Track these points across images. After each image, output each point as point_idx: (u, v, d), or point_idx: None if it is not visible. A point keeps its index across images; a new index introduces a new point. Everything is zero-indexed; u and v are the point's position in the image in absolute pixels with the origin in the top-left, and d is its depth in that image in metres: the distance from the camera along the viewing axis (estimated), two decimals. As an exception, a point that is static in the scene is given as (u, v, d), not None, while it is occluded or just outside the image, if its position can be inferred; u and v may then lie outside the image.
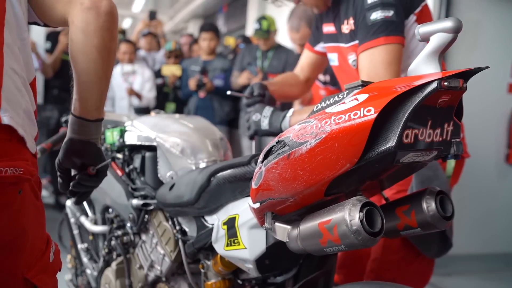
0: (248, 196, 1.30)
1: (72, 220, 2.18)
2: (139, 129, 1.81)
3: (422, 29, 0.99)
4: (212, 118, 4.70)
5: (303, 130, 1.00)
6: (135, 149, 1.86)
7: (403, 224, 1.16)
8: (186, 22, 12.68)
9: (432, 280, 1.94)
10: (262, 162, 1.07)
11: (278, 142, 1.05)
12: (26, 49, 1.05)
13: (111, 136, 1.91)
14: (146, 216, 1.70)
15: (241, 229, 1.29)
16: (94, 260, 2.07)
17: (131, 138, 1.83)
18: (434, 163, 1.67)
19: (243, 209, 1.29)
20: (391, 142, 0.93)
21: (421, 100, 0.92)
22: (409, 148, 0.95)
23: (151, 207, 1.67)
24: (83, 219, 2.04)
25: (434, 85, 0.92)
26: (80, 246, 2.14)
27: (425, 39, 1.00)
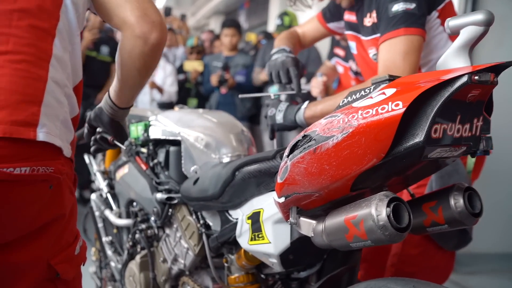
0: (273, 190, 1.30)
1: (96, 213, 2.20)
2: (163, 124, 1.82)
3: (452, 22, 0.98)
4: (234, 114, 4.69)
5: (329, 124, 1.00)
6: (159, 143, 1.87)
7: (430, 221, 1.15)
8: (207, 18, 12.73)
9: (455, 278, 1.92)
10: (287, 156, 1.07)
11: (304, 136, 1.04)
12: (76, 53, 1.13)
13: (136, 131, 1.93)
14: (170, 210, 1.72)
15: (266, 224, 1.29)
16: (118, 253, 2.10)
17: (155, 133, 1.84)
18: None
19: (267, 204, 1.29)
20: (419, 137, 0.92)
21: (451, 94, 0.91)
22: (437, 143, 0.94)
23: (175, 201, 1.68)
24: (107, 212, 2.06)
25: (464, 79, 0.90)
26: (104, 239, 2.16)
27: (455, 32, 0.98)
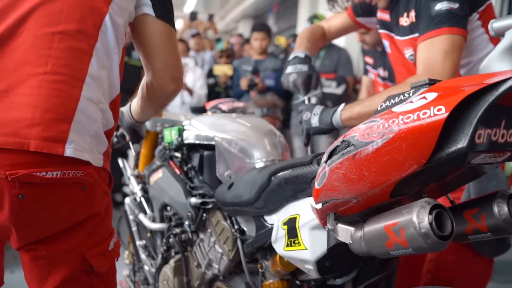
0: (309, 196, 1.29)
1: (130, 217, 2.22)
2: (197, 128, 1.83)
3: (496, 24, 0.95)
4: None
5: (369, 129, 0.98)
6: (193, 148, 1.88)
7: (472, 228, 1.12)
8: (236, 22, 12.78)
9: (493, 287, 1.87)
10: (326, 162, 1.05)
11: (343, 141, 1.03)
12: (114, 69, 1.21)
13: (169, 135, 1.94)
14: (204, 214, 1.72)
15: (302, 230, 1.28)
16: (152, 257, 2.11)
17: (189, 137, 1.85)
18: None
19: (304, 209, 1.28)
20: (462, 143, 0.90)
21: (495, 99, 0.89)
22: (481, 149, 0.92)
23: (210, 206, 1.69)
24: (141, 216, 2.08)
25: (510, 83, 0.88)
26: (138, 242, 2.18)
27: (500, 34, 0.96)
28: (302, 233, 1.28)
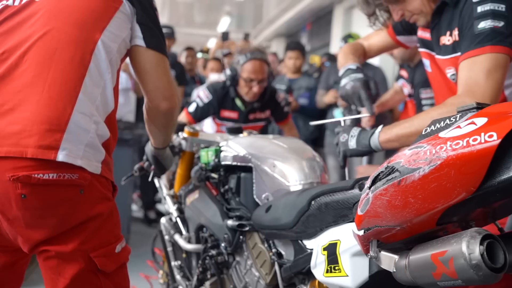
0: (350, 221, 1.26)
1: (166, 237, 2.23)
2: (234, 150, 1.83)
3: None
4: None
5: (415, 155, 0.96)
6: (230, 169, 1.88)
7: (524, 258, 1.07)
8: (269, 41, 12.86)
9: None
10: (369, 188, 1.03)
11: (387, 167, 1.00)
12: (107, 87, 1.36)
13: (206, 156, 1.94)
14: (241, 237, 1.71)
15: (343, 256, 1.25)
16: (187, 277, 2.11)
17: (226, 158, 1.85)
18: None
19: (345, 235, 1.25)
20: (515, 170, 0.86)
21: (550, 124, 0.85)
22: (535, 176, 0.88)
23: (247, 228, 1.67)
24: (177, 237, 2.08)
25: None
26: (173, 263, 2.18)
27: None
28: (343, 259, 1.25)
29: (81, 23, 1.33)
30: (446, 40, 1.64)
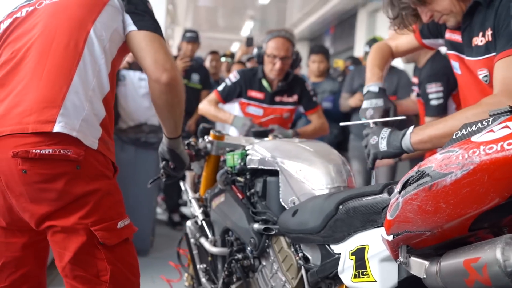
0: (379, 226, 1.25)
1: (192, 240, 2.24)
2: (260, 153, 1.83)
3: None
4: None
5: (447, 160, 0.94)
6: (256, 172, 1.88)
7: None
8: (292, 44, 12.83)
9: None
10: (399, 192, 1.02)
11: (418, 172, 0.99)
12: (102, 71, 1.51)
13: (232, 160, 1.95)
14: (267, 240, 1.70)
15: (371, 261, 1.23)
16: (212, 281, 2.11)
17: (252, 162, 1.85)
18: None
19: (373, 240, 1.24)
20: (551, 175, 0.84)
21: None
22: None
23: (273, 232, 1.67)
24: (202, 240, 2.09)
25: None
26: (199, 266, 2.19)
27: None
28: (371, 265, 1.23)
29: (74, 17, 1.52)
30: (479, 41, 1.61)
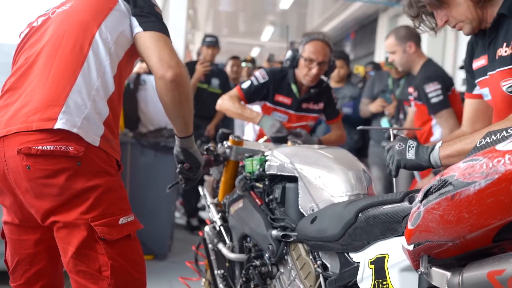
0: (399, 235, 1.23)
1: (209, 245, 2.23)
2: (279, 159, 1.82)
3: None
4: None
5: (470, 168, 0.92)
6: (274, 179, 1.87)
7: None
8: (312, 49, 12.81)
9: None
10: (421, 201, 1.00)
11: (440, 180, 0.97)
12: (107, 72, 1.57)
13: (251, 165, 1.94)
14: (285, 247, 1.69)
15: (391, 270, 1.21)
16: (229, 287, 2.10)
17: (271, 168, 1.84)
18: None
19: (393, 249, 1.22)
20: None
21: None
22: None
23: (291, 239, 1.65)
24: (220, 245, 2.08)
25: None
26: (216, 272, 2.18)
27: None
28: (391, 274, 1.21)
29: (81, 22, 1.59)
30: (503, 51, 1.58)
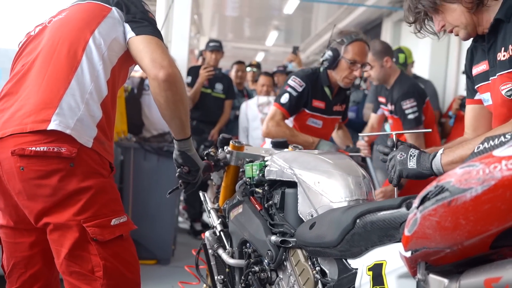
0: (397, 242, 1.22)
1: (210, 251, 2.22)
2: (279, 165, 1.81)
3: None
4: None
5: (467, 174, 0.91)
6: (274, 184, 1.86)
7: None
8: (316, 54, 12.82)
9: None
10: (417, 207, 0.99)
11: (437, 186, 0.96)
12: (100, 76, 1.62)
13: (251, 170, 1.93)
14: (284, 253, 1.68)
15: (389, 277, 1.21)
16: (229, 292, 2.09)
17: (270, 173, 1.83)
18: None
19: (391, 256, 1.21)
20: None
21: None
22: None
23: (290, 245, 1.64)
24: (220, 251, 2.07)
25: None
26: (216, 277, 2.17)
27: None
28: (389, 281, 1.21)
29: (75, 29, 1.65)
30: (502, 56, 1.58)
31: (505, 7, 1.59)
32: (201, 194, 2.43)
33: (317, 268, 1.53)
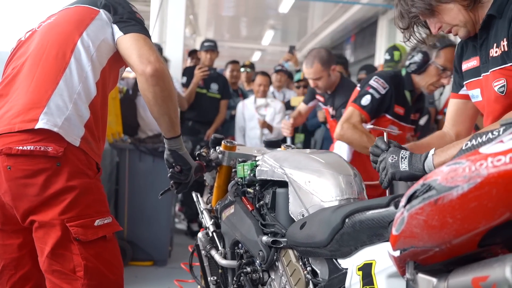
0: (386, 241, 1.20)
1: (203, 252, 2.21)
2: (269, 164, 1.80)
3: None
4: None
5: (453, 172, 0.90)
6: (266, 184, 1.85)
7: None
8: (313, 53, 12.80)
9: None
10: (404, 206, 0.97)
11: (423, 185, 0.95)
12: (89, 77, 1.64)
13: (242, 170, 1.92)
14: (276, 253, 1.67)
15: (378, 277, 1.19)
16: (223, 293, 2.08)
17: (262, 173, 1.82)
18: None
19: (380, 255, 1.20)
20: None
21: None
22: None
23: (281, 245, 1.63)
24: (213, 252, 2.06)
25: None
26: (209, 278, 2.16)
27: None
28: (379, 281, 1.19)
29: (64, 32, 1.68)
30: (494, 52, 1.56)
31: (497, 3, 1.57)
32: (193, 194, 2.42)
33: (308, 268, 1.52)
